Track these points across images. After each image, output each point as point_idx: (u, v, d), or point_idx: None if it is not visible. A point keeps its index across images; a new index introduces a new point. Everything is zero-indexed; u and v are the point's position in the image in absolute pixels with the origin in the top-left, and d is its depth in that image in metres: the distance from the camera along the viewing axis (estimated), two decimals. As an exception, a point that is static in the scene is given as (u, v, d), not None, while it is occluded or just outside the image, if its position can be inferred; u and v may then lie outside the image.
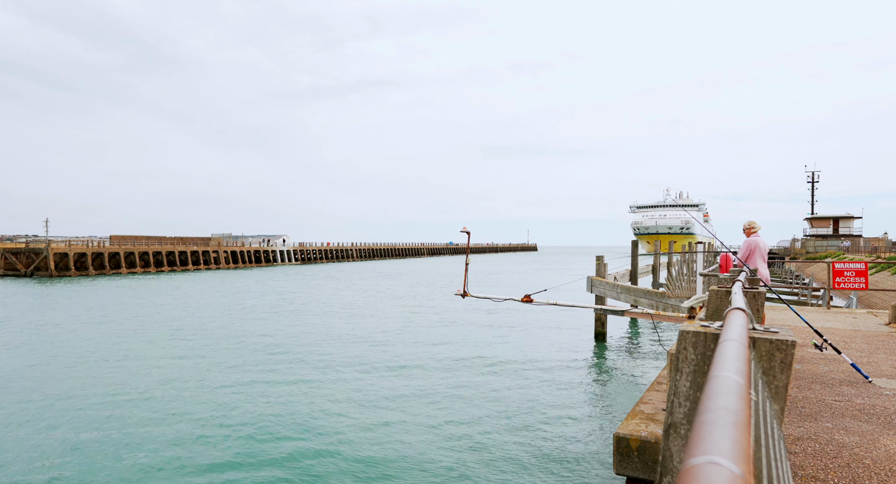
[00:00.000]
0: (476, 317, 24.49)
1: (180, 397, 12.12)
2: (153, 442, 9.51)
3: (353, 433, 9.90)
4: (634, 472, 4.54)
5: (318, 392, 12.52)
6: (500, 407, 11.40)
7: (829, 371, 6.26)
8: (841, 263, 13.46)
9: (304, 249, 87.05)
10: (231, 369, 14.68)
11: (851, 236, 65.90)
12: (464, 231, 13.20)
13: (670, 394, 1.88)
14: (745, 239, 8.37)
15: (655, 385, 6.10)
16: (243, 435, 9.84)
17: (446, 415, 10.91)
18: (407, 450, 9.16)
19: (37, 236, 79.54)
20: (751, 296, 3.79)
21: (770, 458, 1.48)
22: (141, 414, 10.99)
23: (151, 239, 65.19)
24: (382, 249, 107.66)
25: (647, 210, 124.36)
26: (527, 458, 8.80)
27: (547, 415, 10.91)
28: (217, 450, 9.18)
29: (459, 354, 16.61)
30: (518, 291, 14.76)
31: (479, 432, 9.94)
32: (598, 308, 15.12)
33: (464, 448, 9.22)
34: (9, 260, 53.74)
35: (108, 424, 10.44)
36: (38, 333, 20.69)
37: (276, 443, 9.48)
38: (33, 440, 9.62)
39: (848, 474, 3.46)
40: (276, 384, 13.16)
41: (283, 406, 11.46)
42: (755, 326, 2.09)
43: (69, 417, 10.83)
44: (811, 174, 79.35)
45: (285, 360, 15.87)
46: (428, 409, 11.31)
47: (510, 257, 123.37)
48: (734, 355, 1.07)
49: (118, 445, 9.37)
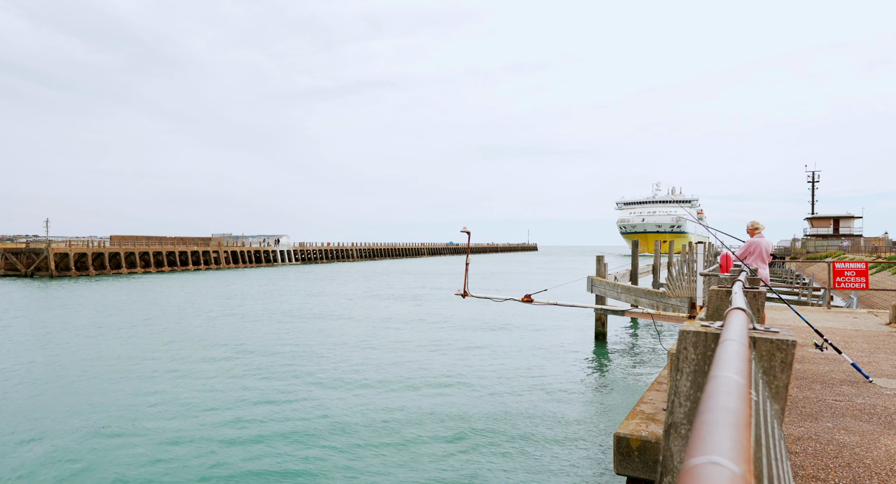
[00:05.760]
0: (476, 317, 24.48)
1: (179, 398, 12.12)
2: (147, 446, 9.51)
3: (350, 431, 9.89)
4: (635, 472, 4.53)
5: (318, 393, 12.52)
6: (500, 407, 11.40)
7: (830, 371, 6.25)
8: (841, 263, 13.45)
9: (305, 249, 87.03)
10: (231, 370, 14.68)
11: (852, 236, 65.87)
12: (464, 231, 13.20)
13: (671, 394, 1.87)
14: (749, 239, 8.35)
15: (656, 385, 6.09)
16: (242, 435, 9.84)
17: (446, 414, 10.91)
18: (406, 450, 9.15)
19: (37, 236, 79.56)
20: (751, 296, 3.79)
21: (770, 458, 1.48)
22: (139, 415, 10.99)
23: (152, 239, 65.18)
24: (382, 249, 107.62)
25: (635, 206, 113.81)
26: (527, 458, 8.80)
27: (547, 415, 10.90)
28: (215, 450, 9.18)
29: (459, 354, 16.61)
30: (518, 291, 14.76)
31: (478, 432, 9.94)
32: (599, 308, 15.11)
33: (463, 448, 9.22)
34: (9, 260, 53.74)
35: (107, 424, 10.44)
36: (37, 332, 20.69)
37: (275, 444, 9.47)
38: (25, 446, 9.62)
39: (848, 474, 3.46)
40: (276, 384, 13.16)
41: (282, 406, 11.46)
42: (755, 326, 2.09)
43: (61, 416, 10.84)
44: (811, 174, 79.30)
45: (285, 359, 15.86)
46: (427, 408, 11.31)
47: (510, 257, 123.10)
48: (735, 355, 1.07)
49: (117, 446, 9.37)
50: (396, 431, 9.99)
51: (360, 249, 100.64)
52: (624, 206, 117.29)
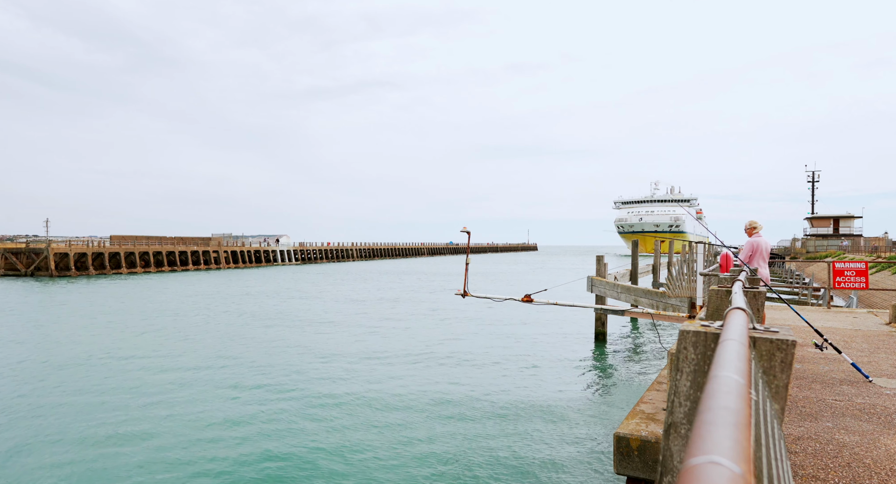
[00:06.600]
0: (476, 317, 24.48)
1: (176, 398, 12.12)
2: (142, 446, 9.51)
3: (350, 431, 9.89)
4: (635, 471, 4.53)
5: (317, 392, 12.52)
6: (499, 406, 11.40)
7: (830, 371, 6.25)
8: (841, 263, 13.45)
9: (305, 249, 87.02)
10: (231, 370, 14.68)
11: (852, 236, 65.86)
12: (464, 231, 13.20)
13: (671, 393, 1.87)
14: (748, 239, 8.35)
15: (656, 385, 6.09)
16: (241, 436, 9.84)
17: (445, 414, 10.91)
18: (406, 450, 9.15)
19: (37, 236, 79.62)
20: (751, 295, 3.79)
21: (770, 457, 1.48)
22: (136, 417, 10.99)
23: (151, 239, 65.18)
24: (382, 249, 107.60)
25: (633, 206, 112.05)
26: (527, 457, 8.80)
27: (547, 414, 10.90)
28: (210, 450, 9.18)
29: (459, 354, 16.61)
30: (518, 291, 14.75)
31: (478, 432, 9.94)
32: (599, 308, 15.10)
33: (463, 448, 9.22)
34: (9, 260, 53.74)
35: (105, 423, 10.44)
36: (33, 332, 20.69)
37: (275, 446, 9.47)
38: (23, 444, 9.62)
39: (848, 474, 3.45)
40: (271, 380, 13.16)
41: (281, 406, 11.46)
42: (755, 326, 2.09)
43: (55, 416, 10.83)
44: (811, 174, 79.28)
45: (283, 360, 15.87)
46: (427, 408, 11.31)
47: (510, 257, 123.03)
48: (734, 355, 1.07)
49: (116, 446, 9.37)
50: (393, 430, 9.99)
51: (360, 249, 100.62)
52: (622, 205, 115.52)
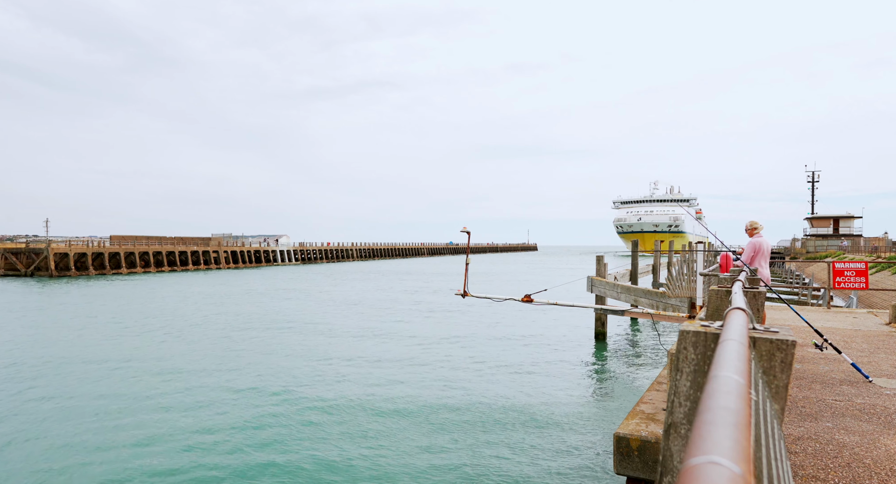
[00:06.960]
0: (475, 316, 24.48)
1: (175, 399, 12.12)
2: (140, 446, 9.51)
3: (350, 431, 9.89)
4: (635, 471, 4.54)
5: (316, 394, 12.52)
6: (499, 407, 11.40)
7: (830, 371, 6.25)
8: (841, 263, 13.45)
9: (304, 249, 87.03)
10: (230, 370, 14.68)
11: (852, 236, 65.92)
12: (464, 231, 13.20)
13: (670, 394, 1.87)
14: (749, 240, 8.33)
15: (655, 385, 6.09)
16: (241, 436, 9.84)
17: (445, 414, 10.91)
18: (405, 450, 9.15)
19: (37, 236, 79.60)
20: (751, 296, 3.79)
21: (770, 457, 1.48)
22: (135, 417, 10.99)
23: (151, 239, 65.18)
24: (382, 249, 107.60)
25: (632, 206, 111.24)
26: (526, 457, 8.80)
27: (547, 415, 10.90)
28: (212, 451, 9.18)
29: (459, 354, 16.61)
30: (518, 291, 14.75)
31: (478, 432, 9.94)
32: (599, 308, 15.10)
33: (463, 448, 9.22)
34: (9, 260, 53.74)
35: (104, 424, 10.44)
36: (30, 332, 20.69)
37: (273, 446, 9.47)
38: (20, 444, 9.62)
39: (848, 474, 3.45)
40: (272, 386, 13.16)
41: (278, 408, 11.46)
42: (755, 326, 2.09)
43: (51, 415, 10.84)
44: (811, 174, 79.33)
45: (282, 360, 15.87)
46: (426, 408, 11.31)
47: (510, 257, 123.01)
48: (734, 355, 1.07)
49: (114, 446, 9.36)
50: (393, 431, 9.99)
51: (360, 249, 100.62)
52: (621, 205, 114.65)
